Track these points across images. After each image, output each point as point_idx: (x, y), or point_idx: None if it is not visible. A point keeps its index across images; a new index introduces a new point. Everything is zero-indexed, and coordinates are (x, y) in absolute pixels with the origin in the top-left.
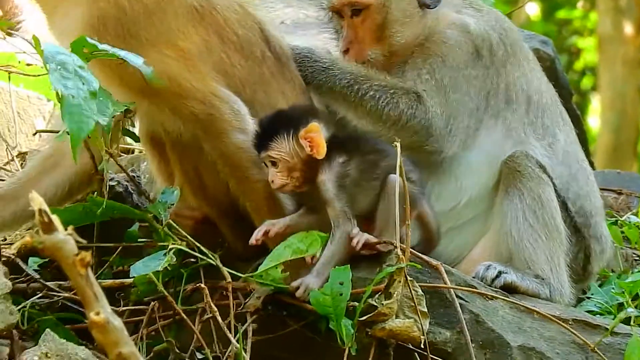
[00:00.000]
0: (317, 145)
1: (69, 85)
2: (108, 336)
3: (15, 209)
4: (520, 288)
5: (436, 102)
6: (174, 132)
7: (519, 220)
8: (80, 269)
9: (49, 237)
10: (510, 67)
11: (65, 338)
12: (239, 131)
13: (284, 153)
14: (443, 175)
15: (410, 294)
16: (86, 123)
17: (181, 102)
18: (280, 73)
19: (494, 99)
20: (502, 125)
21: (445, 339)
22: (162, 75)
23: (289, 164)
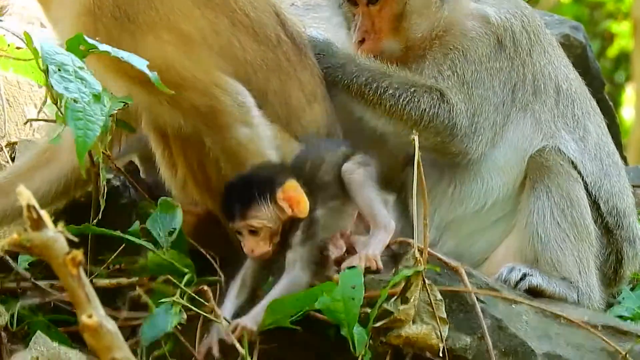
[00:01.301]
0: (298, 202)
1: (70, 88)
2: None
3: (5, 205)
4: (546, 291)
5: (460, 100)
6: (175, 125)
7: (546, 219)
8: (72, 268)
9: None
10: (536, 55)
11: (58, 341)
12: (243, 125)
13: (266, 220)
14: (467, 176)
15: (429, 299)
16: (92, 129)
17: (181, 94)
18: (297, 59)
19: (520, 91)
20: (531, 119)
21: (466, 345)
22: (160, 64)
23: (271, 230)
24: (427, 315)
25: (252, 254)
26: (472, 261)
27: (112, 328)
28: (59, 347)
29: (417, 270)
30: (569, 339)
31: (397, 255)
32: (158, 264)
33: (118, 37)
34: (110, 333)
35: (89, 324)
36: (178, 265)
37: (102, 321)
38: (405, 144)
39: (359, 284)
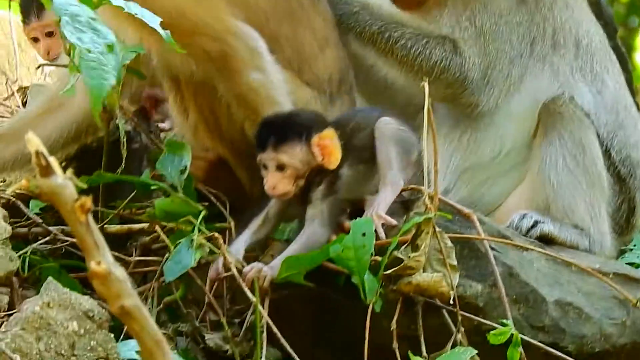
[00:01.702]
0: (331, 153)
1: (84, 38)
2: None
3: (17, 150)
4: (558, 239)
5: (474, 52)
6: (187, 70)
7: (558, 165)
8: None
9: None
10: (557, 10)
11: (69, 287)
12: (255, 70)
13: (295, 158)
14: (482, 124)
15: (439, 246)
16: (106, 79)
17: (192, 40)
18: (310, 4)
19: (539, 44)
20: (549, 70)
21: (477, 293)
22: (171, 11)
23: (297, 171)
24: (437, 262)
25: (272, 191)
26: (484, 209)
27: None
28: (70, 293)
29: (427, 217)
30: (580, 286)
31: (409, 202)
32: (166, 211)
33: None
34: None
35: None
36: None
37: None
38: (417, 92)
39: (369, 232)
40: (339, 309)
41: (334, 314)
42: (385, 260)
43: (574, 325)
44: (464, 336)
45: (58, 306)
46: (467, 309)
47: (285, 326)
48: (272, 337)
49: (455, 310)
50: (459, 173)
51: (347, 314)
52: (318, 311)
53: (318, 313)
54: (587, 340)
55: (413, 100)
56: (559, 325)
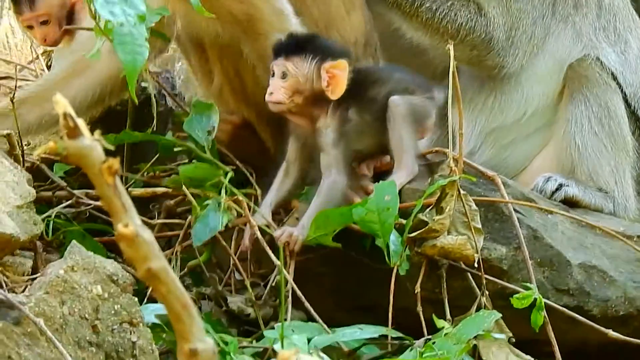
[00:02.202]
0: (337, 84)
1: (116, 11)
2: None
3: (41, 113)
4: (582, 202)
5: (498, 13)
6: (212, 33)
7: (583, 128)
8: (108, 177)
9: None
10: None
11: (93, 250)
12: (281, 32)
13: (300, 71)
14: (508, 86)
15: (464, 209)
16: (140, 53)
17: (219, 2)
18: None
19: (561, 4)
20: (572, 30)
21: (501, 256)
22: None
23: (298, 85)
24: (462, 225)
25: (269, 96)
26: (509, 171)
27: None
28: (94, 257)
29: (452, 179)
30: (605, 249)
31: (433, 164)
32: (191, 178)
33: None
34: (146, 242)
35: (126, 234)
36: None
37: (139, 230)
38: (442, 55)
39: (393, 195)
40: (362, 272)
41: (358, 276)
42: (409, 223)
43: (598, 288)
44: (488, 299)
45: (82, 270)
46: (491, 272)
47: (308, 288)
48: (295, 300)
49: (480, 273)
50: (484, 136)
51: (371, 277)
52: (342, 274)
53: (342, 276)
54: (611, 304)
55: (438, 63)
56: (583, 289)
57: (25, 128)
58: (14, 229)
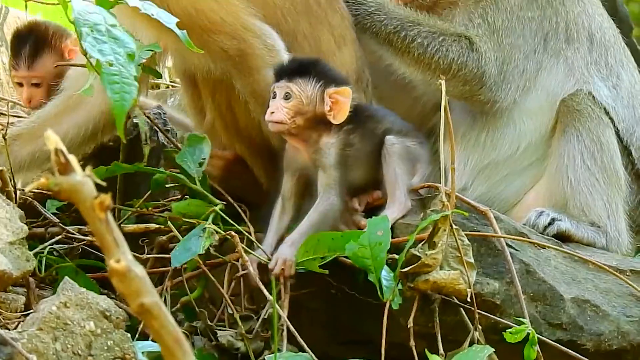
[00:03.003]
0: (340, 110)
1: (105, 50)
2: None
3: (34, 149)
4: (575, 236)
5: (489, 48)
6: (204, 68)
7: (576, 162)
8: (100, 213)
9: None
10: (569, 4)
11: (86, 286)
12: (272, 67)
13: (304, 93)
14: (500, 121)
15: (456, 244)
16: (129, 92)
17: (210, 37)
18: (327, 2)
19: (553, 39)
20: (564, 65)
21: (494, 290)
22: (189, 8)
23: (301, 106)
24: (454, 260)
25: (269, 116)
26: (502, 206)
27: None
28: (86, 293)
29: (444, 214)
30: (597, 283)
31: (426, 199)
32: (183, 214)
33: None
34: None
35: (117, 269)
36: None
37: (131, 266)
38: (434, 91)
39: (385, 230)
40: (356, 306)
41: (351, 310)
42: (402, 258)
43: (592, 322)
44: (481, 334)
45: (75, 306)
46: (484, 307)
47: (302, 322)
48: (288, 333)
49: (473, 308)
50: (476, 172)
51: (364, 311)
52: (335, 308)
53: (335, 310)
54: (604, 338)
55: (429, 98)
56: (576, 323)
57: (18, 164)
58: (7, 265)
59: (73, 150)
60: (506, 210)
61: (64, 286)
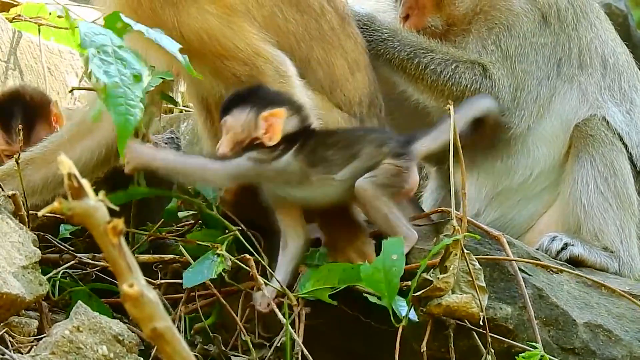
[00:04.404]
0: (273, 131)
1: (110, 71)
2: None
3: (47, 174)
4: (588, 261)
5: (502, 74)
6: (216, 94)
7: (589, 188)
8: (113, 237)
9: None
10: (582, 30)
11: (99, 311)
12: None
13: (238, 122)
14: (514, 147)
15: (468, 268)
16: (133, 115)
17: (222, 63)
18: (340, 28)
19: (566, 65)
20: (577, 90)
21: (507, 315)
22: (201, 34)
23: (237, 136)
24: (466, 284)
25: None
26: (515, 231)
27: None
28: (99, 317)
29: (455, 239)
30: (610, 308)
31: (439, 224)
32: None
33: (161, 9)
34: (151, 302)
35: (131, 294)
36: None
37: (144, 290)
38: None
39: (400, 254)
40: (369, 332)
41: (365, 336)
42: (415, 283)
43: (604, 347)
44: (493, 358)
45: (88, 330)
46: (497, 331)
47: (315, 349)
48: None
49: (485, 332)
50: (490, 198)
51: (377, 337)
52: (348, 335)
53: (348, 337)
54: None
55: None
56: (589, 348)
57: (31, 189)
58: (20, 289)
59: (86, 175)
60: (519, 235)
61: (77, 310)
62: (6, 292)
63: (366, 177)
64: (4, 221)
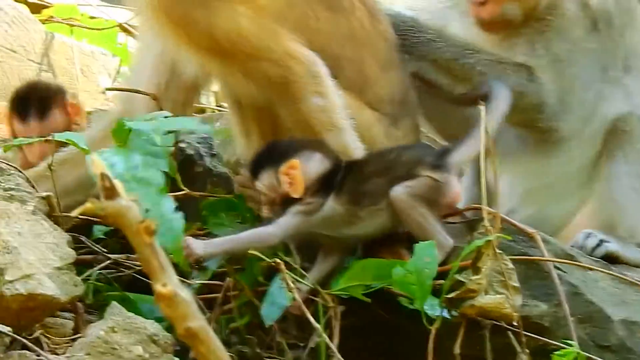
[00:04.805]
0: (295, 183)
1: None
2: (175, 309)
3: (79, 174)
4: (623, 258)
5: (550, 78)
6: (248, 95)
7: (623, 184)
8: (145, 237)
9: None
10: (628, 35)
11: (134, 311)
12: (316, 95)
13: (265, 186)
14: (554, 147)
15: (500, 268)
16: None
17: (253, 64)
18: (371, 26)
19: (612, 69)
20: (621, 93)
21: (542, 313)
22: (232, 35)
23: (270, 197)
24: (499, 284)
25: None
26: (550, 228)
27: (186, 297)
28: (134, 317)
29: (487, 239)
30: None
31: (473, 222)
32: None
33: (193, 10)
34: (185, 302)
35: (164, 293)
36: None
37: (177, 290)
38: None
39: (432, 256)
40: (402, 332)
41: (398, 336)
42: (447, 284)
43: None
44: (529, 357)
45: (123, 330)
46: (532, 329)
47: (348, 349)
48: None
49: (520, 330)
50: (525, 195)
51: (411, 338)
52: (382, 334)
53: (382, 336)
54: None
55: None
56: (625, 345)
57: (64, 189)
58: (54, 291)
59: None
60: (554, 232)
61: (112, 311)
62: (41, 294)
63: (402, 185)
64: (38, 222)
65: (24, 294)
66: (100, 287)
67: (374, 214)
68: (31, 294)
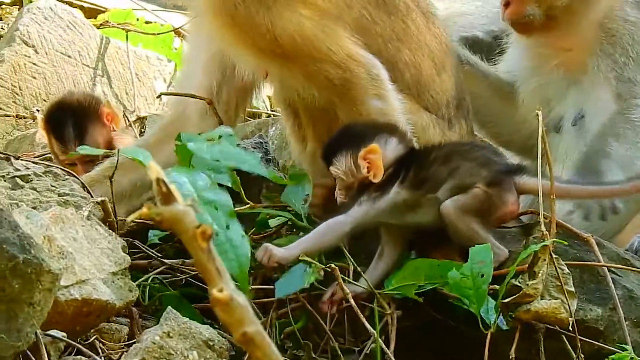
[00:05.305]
0: (375, 167)
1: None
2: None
3: (135, 178)
4: None
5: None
6: (307, 97)
7: None
8: (202, 242)
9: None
10: None
11: (189, 316)
12: (376, 98)
13: (341, 170)
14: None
15: (556, 273)
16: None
17: (315, 66)
18: (426, 27)
19: None
20: None
21: (597, 317)
22: (295, 37)
23: (345, 183)
24: (555, 289)
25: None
26: (605, 232)
27: (243, 302)
28: (190, 322)
29: (543, 244)
30: None
31: (529, 226)
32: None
33: (256, 13)
34: (241, 307)
35: (220, 298)
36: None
37: (233, 295)
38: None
39: (488, 260)
40: (457, 336)
41: (453, 340)
42: (503, 289)
43: None
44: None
45: (178, 336)
46: (587, 333)
47: (403, 352)
48: None
49: (575, 334)
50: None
51: (468, 343)
52: (437, 339)
53: (437, 341)
54: None
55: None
56: None
57: (120, 193)
58: (110, 296)
59: None
60: (610, 236)
61: (167, 316)
62: (96, 299)
63: (452, 199)
64: (93, 227)
65: (79, 300)
66: (154, 291)
67: (433, 202)
68: (86, 299)
